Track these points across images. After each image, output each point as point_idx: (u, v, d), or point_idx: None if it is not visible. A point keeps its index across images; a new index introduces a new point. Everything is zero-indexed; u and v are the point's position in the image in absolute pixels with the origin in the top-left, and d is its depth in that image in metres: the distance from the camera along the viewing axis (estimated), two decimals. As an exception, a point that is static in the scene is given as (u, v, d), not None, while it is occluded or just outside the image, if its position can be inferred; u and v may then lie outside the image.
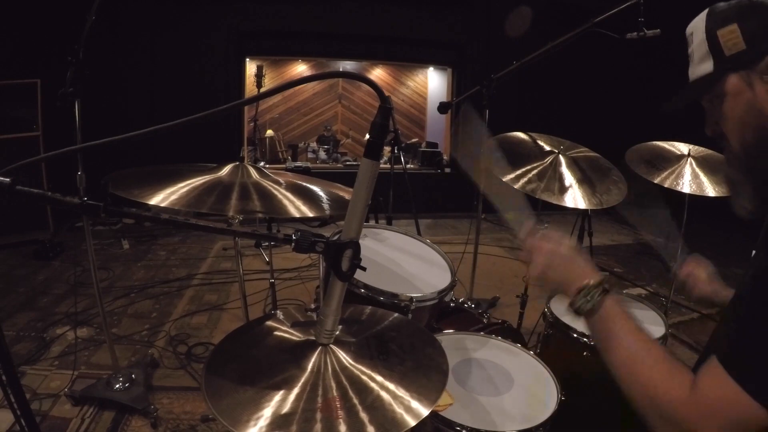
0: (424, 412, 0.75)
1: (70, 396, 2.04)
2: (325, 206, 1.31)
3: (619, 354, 0.85)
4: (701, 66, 0.87)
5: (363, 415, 0.73)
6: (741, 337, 0.75)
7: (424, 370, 0.86)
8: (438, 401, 0.79)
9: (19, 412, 0.81)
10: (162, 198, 1.14)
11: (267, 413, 0.73)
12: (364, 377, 0.81)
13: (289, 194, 1.31)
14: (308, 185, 1.45)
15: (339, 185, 1.50)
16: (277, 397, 0.76)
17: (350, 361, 0.84)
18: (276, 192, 1.31)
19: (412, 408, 0.76)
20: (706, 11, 0.86)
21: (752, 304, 0.75)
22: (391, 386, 0.80)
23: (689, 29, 0.89)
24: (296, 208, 1.25)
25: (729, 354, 0.75)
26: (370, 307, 1.09)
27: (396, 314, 1.06)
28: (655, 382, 0.80)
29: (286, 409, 0.74)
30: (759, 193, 0.86)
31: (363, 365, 0.84)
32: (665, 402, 0.78)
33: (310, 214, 1.24)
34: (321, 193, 1.39)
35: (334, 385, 0.78)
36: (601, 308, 0.89)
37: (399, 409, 0.75)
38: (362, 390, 0.78)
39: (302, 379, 0.79)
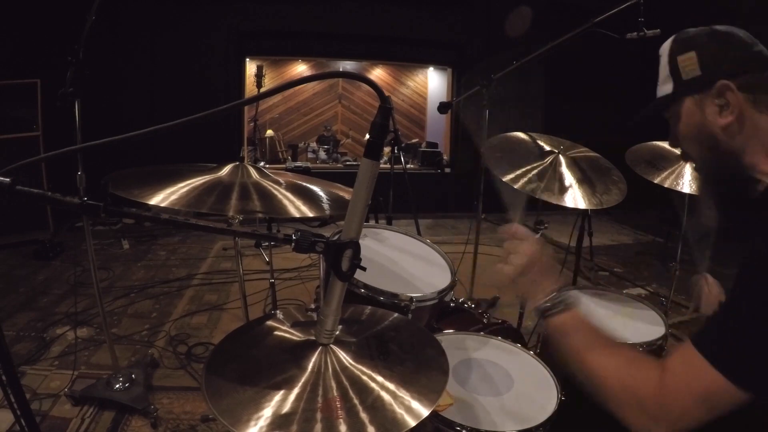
0: (425, 412, 0.75)
1: (70, 396, 2.04)
2: (325, 206, 1.31)
3: (585, 359, 0.89)
4: (664, 86, 0.94)
5: (363, 415, 0.73)
6: (714, 319, 0.79)
7: (425, 370, 0.86)
8: (438, 401, 0.79)
9: (19, 412, 0.81)
10: (162, 198, 1.14)
11: (267, 413, 0.73)
12: (364, 377, 0.81)
13: (289, 194, 1.31)
14: (308, 185, 1.45)
15: (339, 185, 1.50)
16: (278, 397, 0.76)
17: (350, 361, 0.84)
18: (276, 192, 1.31)
19: (413, 408, 0.76)
20: (673, 36, 0.93)
21: (733, 292, 0.78)
22: (392, 386, 0.80)
23: (660, 50, 0.95)
24: (296, 208, 1.25)
25: (699, 333, 0.78)
26: (370, 307, 1.09)
27: (396, 314, 1.06)
28: (626, 382, 0.82)
29: (286, 409, 0.74)
30: (716, 204, 0.95)
31: (363, 365, 0.84)
32: (640, 396, 0.80)
33: (310, 214, 1.24)
34: (321, 193, 1.39)
35: (334, 385, 0.78)
36: (570, 310, 0.96)
37: (399, 410, 0.75)
38: (362, 390, 0.78)
39: (302, 379, 0.79)
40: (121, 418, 1.97)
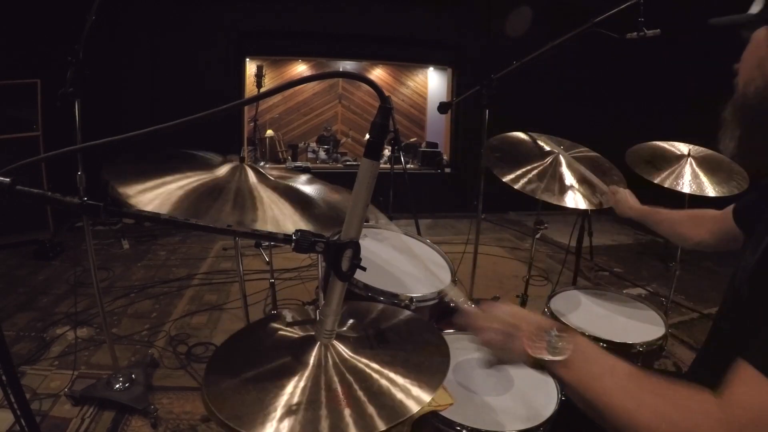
0: (428, 396, 0.76)
1: (70, 396, 2.04)
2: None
3: (624, 408, 0.70)
4: (754, 6, 0.87)
5: (368, 404, 0.73)
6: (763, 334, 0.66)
7: (426, 354, 0.87)
8: (438, 399, 0.79)
9: (19, 412, 0.81)
10: (152, 197, 1.14)
11: (270, 411, 0.73)
12: (365, 367, 0.81)
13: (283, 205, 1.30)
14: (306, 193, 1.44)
15: (339, 186, 1.50)
16: (281, 393, 0.76)
17: (350, 353, 0.84)
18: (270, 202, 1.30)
19: (417, 392, 0.76)
20: None
21: None
22: (394, 373, 0.80)
23: None
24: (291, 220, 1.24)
25: (756, 352, 0.66)
26: (365, 302, 1.09)
27: (391, 306, 1.06)
28: (673, 419, 0.67)
29: (290, 404, 0.74)
30: (745, 141, 0.88)
31: (363, 356, 0.84)
32: None
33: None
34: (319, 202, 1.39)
35: (336, 377, 0.79)
36: (570, 352, 0.78)
37: (401, 395, 0.75)
38: (365, 379, 0.78)
39: (305, 375, 0.79)
40: (121, 418, 1.97)
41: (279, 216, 1.25)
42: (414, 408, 0.73)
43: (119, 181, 1.16)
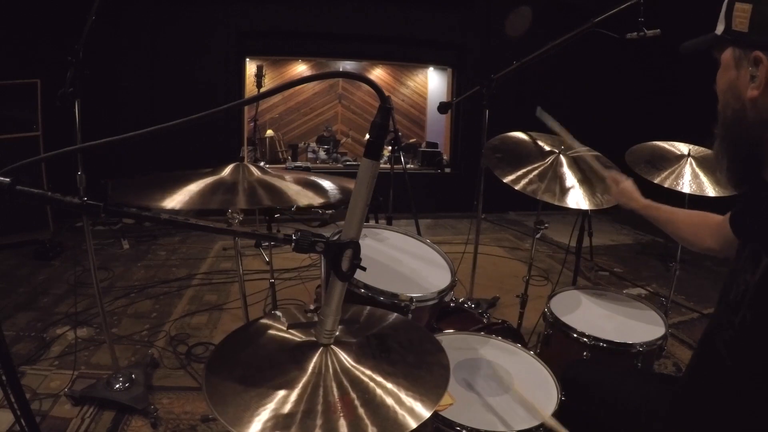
0: (428, 412, 0.75)
1: (70, 396, 2.04)
2: (332, 194, 1.33)
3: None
4: (717, 26, 0.88)
5: (365, 416, 0.73)
6: None
7: (427, 366, 0.87)
8: (440, 400, 0.79)
9: (19, 412, 0.82)
10: (174, 202, 1.16)
11: (268, 414, 0.72)
12: (365, 378, 0.81)
13: (294, 186, 1.33)
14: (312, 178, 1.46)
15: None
16: (279, 397, 0.76)
17: (351, 361, 0.84)
18: (282, 185, 1.33)
19: (416, 406, 0.76)
20: None
21: None
22: (394, 385, 0.79)
23: None
24: (305, 196, 1.27)
25: None
26: (368, 307, 1.09)
27: (394, 314, 1.06)
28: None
29: (287, 409, 0.73)
30: (731, 167, 0.89)
31: (365, 365, 0.83)
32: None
33: (320, 201, 1.26)
34: (326, 185, 1.41)
35: (335, 385, 0.78)
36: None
37: (403, 410, 0.75)
38: (364, 390, 0.78)
39: (303, 380, 0.79)
40: (121, 418, 1.97)
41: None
42: (413, 424, 0.73)
43: (137, 195, 1.18)
